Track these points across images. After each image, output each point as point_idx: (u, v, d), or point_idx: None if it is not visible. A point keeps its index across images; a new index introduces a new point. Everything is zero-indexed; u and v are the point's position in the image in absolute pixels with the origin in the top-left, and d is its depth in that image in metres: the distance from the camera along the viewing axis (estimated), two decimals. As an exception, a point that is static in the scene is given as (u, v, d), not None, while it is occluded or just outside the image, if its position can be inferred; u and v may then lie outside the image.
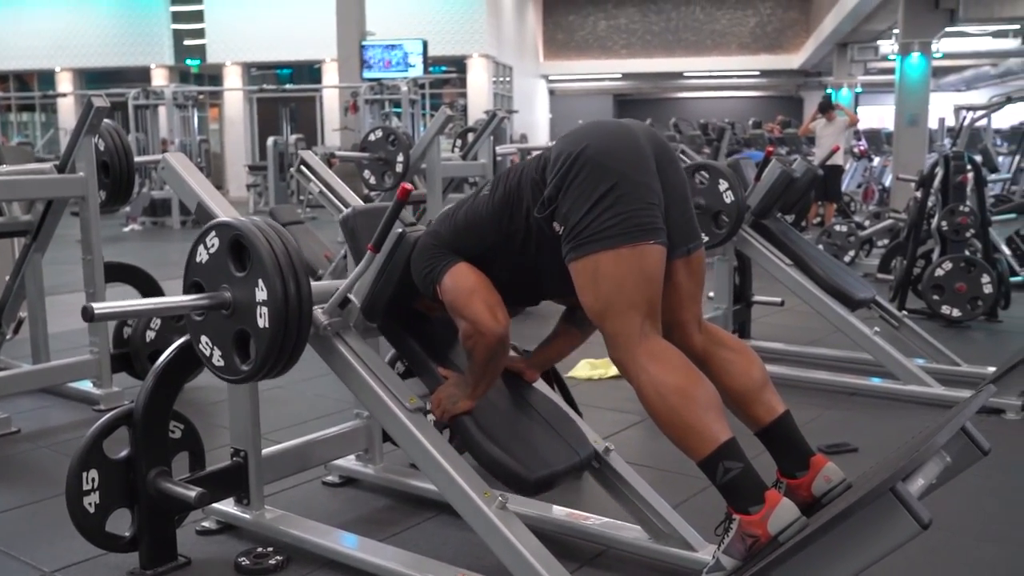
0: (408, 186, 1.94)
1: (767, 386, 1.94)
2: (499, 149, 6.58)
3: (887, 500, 1.49)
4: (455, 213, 2.10)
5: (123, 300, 2.10)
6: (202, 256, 2.01)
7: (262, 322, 1.91)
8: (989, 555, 2.39)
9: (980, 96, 18.59)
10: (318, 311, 2.10)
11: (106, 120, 3.63)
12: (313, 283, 2.03)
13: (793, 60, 22.89)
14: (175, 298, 2.05)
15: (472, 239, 2.03)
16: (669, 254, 1.87)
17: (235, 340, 1.97)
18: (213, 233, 2.00)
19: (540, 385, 2.37)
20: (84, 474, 2.11)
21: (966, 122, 7.43)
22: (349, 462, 2.80)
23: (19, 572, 2.27)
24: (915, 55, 11.49)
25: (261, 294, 1.91)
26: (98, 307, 1.89)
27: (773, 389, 1.95)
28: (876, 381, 3.86)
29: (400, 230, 2.05)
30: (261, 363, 1.93)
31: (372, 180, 5.22)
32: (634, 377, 1.81)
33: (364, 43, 13.49)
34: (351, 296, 2.13)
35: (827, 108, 9.79)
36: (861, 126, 12.39)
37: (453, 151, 6.93)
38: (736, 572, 1.73)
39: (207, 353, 2.01)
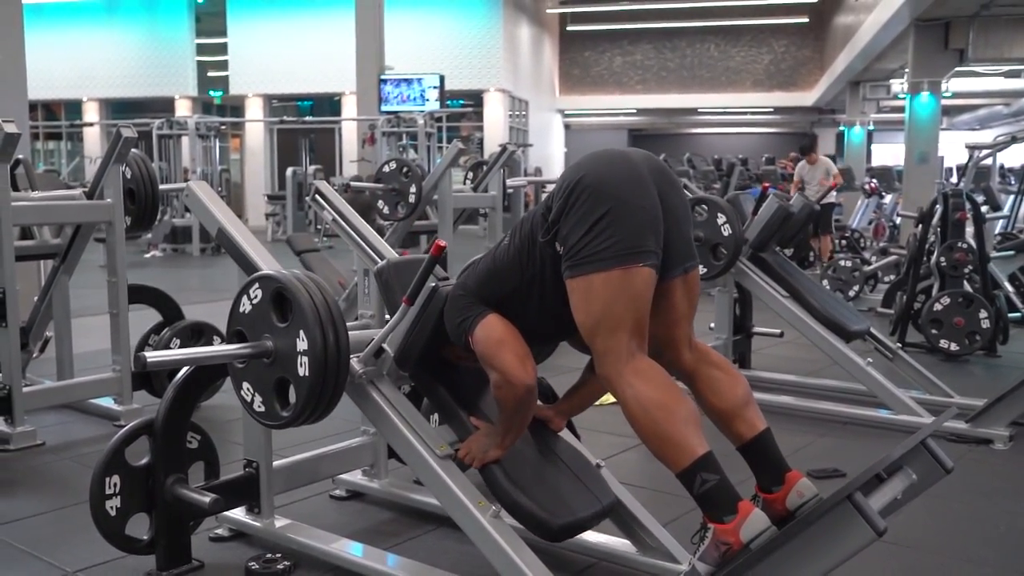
0: (442, 243, 2.05)
1: (750, 404, 2.06)
2: (510, 182, 6.73)
3: (845, 508, 1.62)
4: (478, 263, 2.21)
5: (175, 351, 2.24)
6: (245, 306, 2.10)
7: (302, 371, 2.00)
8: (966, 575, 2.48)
9: (993, 135, 18.66)
10: (353, 360, 2.17)
11: (133, 150, 3.83)
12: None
13: (807, 97, 23.10)
14: (222, 347, 2.16)
15: (495, 285, 2.12)
16: (667, 273, 2.00)
17: (276, 387, 2.06)
18: (256, 285, 2.09)
19: (565, 434, 2.44)
20: (107, 479, 2.26)
21: (972, 160, 7.57)
22: (355, 476, 2.93)
23: (44, 572, 2.42)
24: (924, 94, 11.64)
25: (302, 344, 2.00)
26: (150, 356, 1.97)
27: (756, 407, 2.07)
28: (872, 412, 3.95)
29: (433, 284, 2.13)
30: (301, 409, 2.03)
31: (385, 210, 5.38)
32: (620, 391, 1.94)
33: (382, 77, 13.79)
34: (386, 346, 2.22)
35: (808, 150, 9.90)
36: (874, 163, 12.51)
37: (465, 183, 7.10)
38: (709, 578, 1.85)
39: (248, 399, 2.10)
